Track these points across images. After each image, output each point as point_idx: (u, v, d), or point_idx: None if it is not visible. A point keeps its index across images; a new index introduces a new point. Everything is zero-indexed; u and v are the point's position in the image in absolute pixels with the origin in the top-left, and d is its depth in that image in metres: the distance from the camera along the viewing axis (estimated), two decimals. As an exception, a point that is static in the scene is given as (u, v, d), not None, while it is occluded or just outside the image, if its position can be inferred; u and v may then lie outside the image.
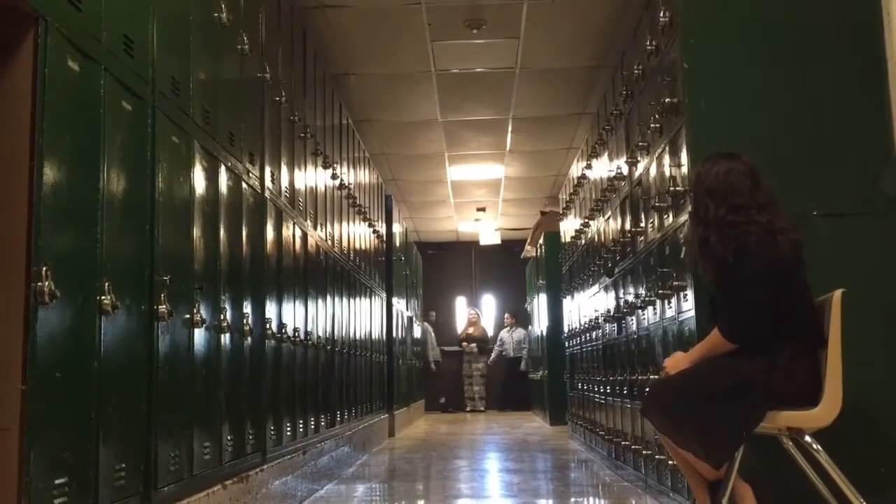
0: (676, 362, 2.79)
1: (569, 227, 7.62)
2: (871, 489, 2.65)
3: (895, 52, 3.27)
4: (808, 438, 2.63)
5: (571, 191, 7.23)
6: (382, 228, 8.50)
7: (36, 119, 1.92)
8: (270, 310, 3.81)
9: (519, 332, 13.02)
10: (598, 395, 5.78)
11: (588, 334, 6.29)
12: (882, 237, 3.25)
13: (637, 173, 4.40)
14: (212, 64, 3.13)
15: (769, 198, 2.78)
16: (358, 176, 6.90)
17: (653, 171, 4.03)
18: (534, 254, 11.60)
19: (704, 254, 2.83)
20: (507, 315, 13.42)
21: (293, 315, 4.30)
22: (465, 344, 13.12)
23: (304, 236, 4.62)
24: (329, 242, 5.40)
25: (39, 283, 1.87)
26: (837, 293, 2.66)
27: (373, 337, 7.53)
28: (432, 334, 13.27)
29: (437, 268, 14.18)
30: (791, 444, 2.73)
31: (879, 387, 3.12)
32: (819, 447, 2.61)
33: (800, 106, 3.37)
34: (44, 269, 1.88)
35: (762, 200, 2.76)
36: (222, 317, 3.09)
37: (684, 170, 3.43)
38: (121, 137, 2.34)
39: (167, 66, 2.67)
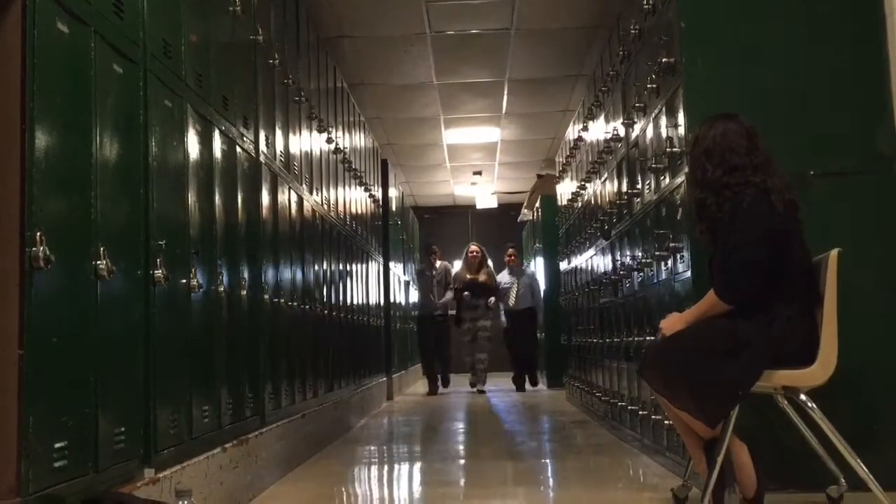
0: (672, 323, 2.79)
1: (565, 189, 7.61)
2: (865, 447, 2.67)
3: (894, 9, 3.24)
4: (803, 397, 2.65)
5: (568, 153, 7.20)
6: (378, 193, 8.48)
7: (26, 83, 1.90)
8: (267, 274, 3.81)
9: (528, 275, 9.72)
10: (594, 357, 5.81)
11: (585, 297, 6.30)
12: (878, 196, 3.24)
13: (633, 135, 4.38)
14: (204, 26, 3.09)
15: (766, 158, 2.77)
16: (353, 140, 6.86)
17: (649, 133, 4.01)
18: (530, 217, 11.60)
19: (702, 216, 2.83)
20: (509, 250, 9.77)
21: (290, 279, 4.30)
22: (466, 294, 9.14)
23: (300, 201, 4.61)
24: (325, 207, 5.39)
25: (34, 249, 1.86)
26: (833, 253, 2.66)
27: (370, 301, 7.54)
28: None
29: (433, 232, 14.19)
30: (786, 402, 2.76)
31: (874, 346, 3.13)
32: (814, 405, 2.63)
33: (796, 65, 3.34)
34: (38, 234, 1.88)
35: (758, 161, 2.75)
36: (219, 281, 3.09)
37: (681, 130, 3.42)
38: (113, 101, 2.31)
39: (158, 28, 2.63)
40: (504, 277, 9.57)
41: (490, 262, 9.38)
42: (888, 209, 3.23)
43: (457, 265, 9.95)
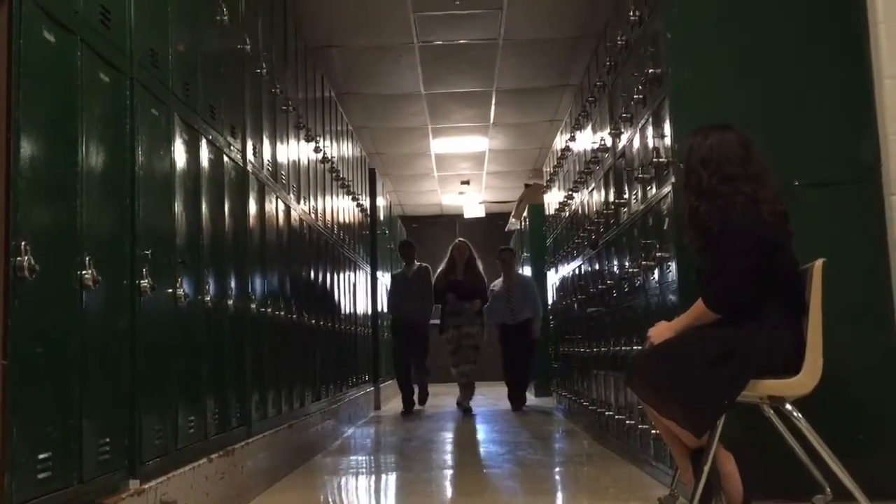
0: (660, 332, 2.80)
1: (553, 199, 7.62)
2: (851, 456, 2.68)
3: (877, 20, 3.27)
4: (788, 406, 2.66)
5: (555, 163, 7.22)
6: (366, 202, 8.47)
7: (12, 91, 1.89)
8: (254, 283, 3.80)
9: (525, 281, 8.56)
10: (582, 366, 5.82)
11: (572, 306, 6.31)
12: (863, 206, 3.26)
13: (620, 145, 4.40)
14: (191, 35, 3.09)
15: (760, 168, 2.78)
16: (341, 149, 6.86)
17: (636, 143, 4.02)
18: (518, 226, 11.62)
19: (693, 223, 2.84)
20: (503, 253, 8.69)
21: (277, 289, 4.29)
22: (451, 295, 7.84)
23: (288, 210, 4.60)
24: (313, 216, 5.38)
25: (19, 258, 1.85)
26: (818, 263, 2.67)
27: (357, 310, 7.53)
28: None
29: (421, 241, 14.15)
30: (772, 412, 2.76)
31: (860, 355, 3.14)
32: (800, 415, 2.64)
33: (782, 76, 3.37)
34: (23, 243, 1.86)
35: (752, 171, 2.76)
36: (205, 291, 3.08)
37: (667, 141, 3.43)
38: (99, 110, 2.31)
39: (145, 37, 2.63)
40: (499, 287, 8.36)
41: (480, 264, 8.15)
42: (873, 218, 3.25)
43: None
